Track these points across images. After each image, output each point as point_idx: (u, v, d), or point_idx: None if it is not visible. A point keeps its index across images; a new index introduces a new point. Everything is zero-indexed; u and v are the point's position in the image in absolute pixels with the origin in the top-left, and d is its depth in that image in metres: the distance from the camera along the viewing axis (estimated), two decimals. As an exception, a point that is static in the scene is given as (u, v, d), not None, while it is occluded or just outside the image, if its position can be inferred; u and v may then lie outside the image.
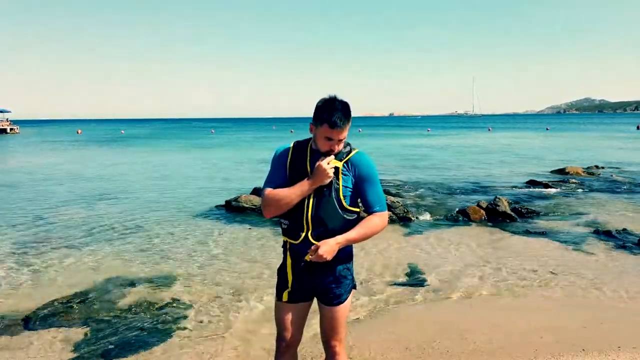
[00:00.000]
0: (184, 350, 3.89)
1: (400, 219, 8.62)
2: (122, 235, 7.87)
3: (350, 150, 2.33)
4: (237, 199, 9.89)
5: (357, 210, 2.36)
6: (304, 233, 2.28)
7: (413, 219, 8.74)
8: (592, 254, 6.50)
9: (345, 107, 2.22)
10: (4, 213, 9.84)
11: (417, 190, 12.25)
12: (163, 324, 4.40)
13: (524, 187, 12.76)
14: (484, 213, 8.76)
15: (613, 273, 5.69)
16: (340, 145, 2.27)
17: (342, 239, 2.23)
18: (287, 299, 2.41)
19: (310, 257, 2.20)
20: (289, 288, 2.40)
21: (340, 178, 2.28)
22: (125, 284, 5.48)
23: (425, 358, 3.64)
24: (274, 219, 3.36)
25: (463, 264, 6.13)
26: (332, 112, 2.17)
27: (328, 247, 2.19)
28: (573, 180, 13.22)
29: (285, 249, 2.44)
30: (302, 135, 2.69)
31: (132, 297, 5.10)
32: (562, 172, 15.44)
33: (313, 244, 2.24)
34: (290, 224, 2.32)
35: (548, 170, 16.32)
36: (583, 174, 14.89)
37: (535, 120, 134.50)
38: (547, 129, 62.21)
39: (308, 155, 2.32)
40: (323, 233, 2.25)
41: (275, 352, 2.45)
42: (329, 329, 2.43)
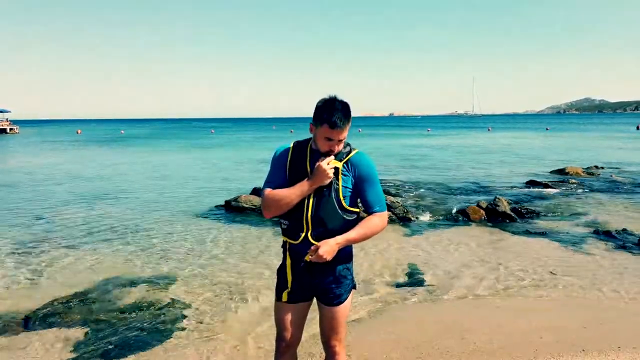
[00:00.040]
0: (184, 350, 3.89)
1: (400, 219, 8.62)
2: (121, 235, 7.88)
3: (350, 151, 2.33)
4: (236, 199, 9.90)
5: (356, 211, 2.35)
6: (304, 233, 2.28)
7: (413, 219, 8.74)
8: (592, 254, 6.50)
9: (345, 107, 2.21)
10: (4, 213, 9.84)
11: (417, 190, 12.25)
12: (163, 324, 4.40)
13: (524, 187, 12.76)
14: (484, 213, 8.76)
15: (613, 273, 5.69)
16: (340, 146, 2.27)
17: (342, 239, 2.22)
18: (286, 299, 2.41)
19: (310, 257, 2.20)
20: (289, 288, 2.40)
21: (340, 178, 2.28)
22: (125, 284, 5.48)
23: (425, 358, 3.64)
24: (274, 219, 3.37)
25: (463, 264, 6.13)
26: (332, 112, 2.17)
27: (328, 247, 2.18)
28: (573, 181, 13.22)
29: (285, 249, 2.44)
30: (302, 135, 2.69)
31: (131, 297, 5.10)
32: (562, 172, 15.44)
33: (313, 244, 2.23)
34: (290, 224, 2.32)
35: (548, 171, 16.32)
36: (583, 174, 14.88)
37: (535, 120, 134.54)
38: (547, 129, 62.21)
39: (308, 156, 2.32)
40: (323, 233, 2.25)
41: (275, 352, 2.45)
42: (329, 329, 2.43)
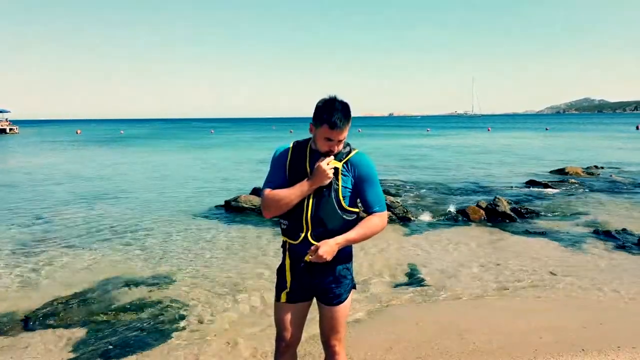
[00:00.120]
0: (184, 350, 3.88)
1: (400, 219, 8.62)
2: (121, 235, 7.87)
3: (350, 151, 2.33)
4: (236, 199, 9.90)
5: (356, 211, 2.35)
6: (304, 233, 2.28)
7: (413, 219, 8.74)
8: (591, 254, 6.50)
9: (345, 107, 2.21)
10: (4, 213, 9.84)
11: (417, 190, 12.25)
12: (162, 324, 4.40)
13: (524, 187, 12.76)
14: (484, 213, 8.76)
15: (613, 273, 5.69)
16: (340, 146, 2.27)
17: (341, 239, 2.23)
18: (285, 300, 2.41)
19: (310, 257, 2.20)
20: (287, 288, 2.40)
21: (340, 178, 2.28)
22: (125, 284, 5.48)
23: (425, 358, 3.64)
24: (274, 219, 3.37)
25: (462, 264, 6.13)
26: (332, 112, 2.17)
27: (328, 247, 2.18)
28: (572, 181, 13.22)
29: (285, 249, 2.44)
30: (301, 136, 2.69)
31: (131, 297, 5.10)
32: (561, 172, 15.45)
33: (312, 244, 2.23)
34: (290, 224, 2.32)
35: (547, 171, 16.32)
36: (582, 174, 14.89)
37: (535, 120, 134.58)
38: (546, 129, 62.22)
39: (308, 156, 2.32)
40: (322, 233, 2.25)
41: (275, 352, 2.46)
42: (329, 329, 2.43)
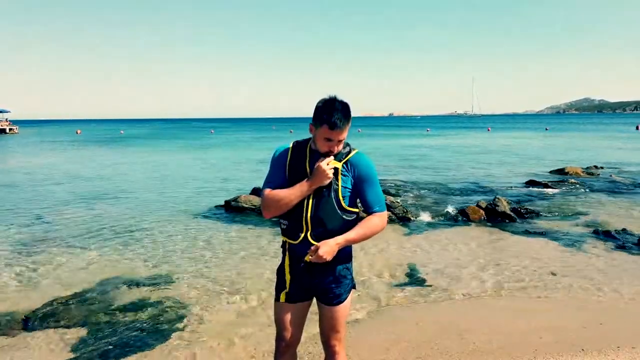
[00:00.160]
0: (184, 351, 3.88)
1: (400, 219, 8.62)
2: (121, 236, 7.87)
3: (350, 151, 2.33)
4: (236, 199, 9.90)
5: (356, 211, 2.35)
6: (303, 233, 2.28)
7: (412, 219, 8.74)
8: (591, 254, 6.50)
9: (345, 107, 2.21)
10: (4, 213, 9.84)
11: (416, 190, 12.25)
12: (162, 324, 4.40)
13: (524, 187, 12.76)
14: (484, 213, 8.76)
15: (613, 273, 5.70)
16: (340, 146, 2.27)
17: (341, 240, 2.23)
18: (285, 300, 2.41)
19: (310, 257, 2.20)
20: (287, 288, 2.40)
21: (340, 179, 2.28)
22: (125, 284, 5.48)
23: (425, 358, 3.64)
24: (274, 219, 3.37)
25: (462, 264, 6.13)
26: (332, 112, 2.17)
27: (328, 247, 2.18)
28: (572, 181, 13.22)
29: (284, 249, 2.44)
30: (301, 136, 2.69)
31: (131, 297, 5.10)
32: (561, 172, 15.45)
33: (312, 245, 2.23)
34: (290, 224, 2.32)
35: (547, 171, 16.33)
36: (582, 174, 14.89)
37: (535, 120, 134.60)
38: (546, 129, 62.23)
39: (307, 156, 2.32)
40: (322, 233, 2.25)
41: (275, 352, 2.46)
42: (329, 329, 2.43)
